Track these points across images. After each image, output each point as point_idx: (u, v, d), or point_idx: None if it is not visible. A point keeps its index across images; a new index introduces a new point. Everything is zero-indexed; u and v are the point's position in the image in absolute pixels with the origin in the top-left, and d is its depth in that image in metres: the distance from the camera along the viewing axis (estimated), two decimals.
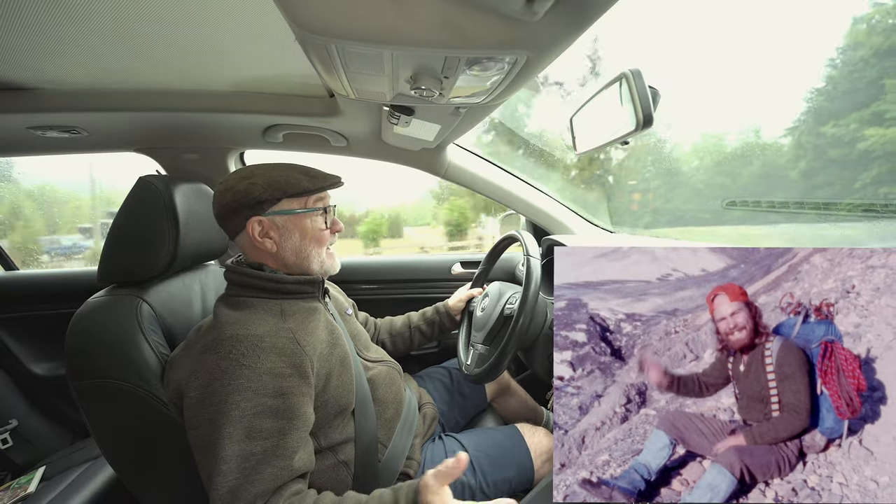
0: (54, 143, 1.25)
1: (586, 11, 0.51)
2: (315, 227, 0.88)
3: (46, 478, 1.26)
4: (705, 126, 3.48)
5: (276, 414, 0.70)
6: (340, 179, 0.93)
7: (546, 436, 1.09)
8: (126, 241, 0.87)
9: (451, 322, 1.31)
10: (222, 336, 0.73)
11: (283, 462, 0.69)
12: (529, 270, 0.98)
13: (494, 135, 2.26)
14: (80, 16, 0.74)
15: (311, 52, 0.63)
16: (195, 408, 0.70)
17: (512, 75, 0.69)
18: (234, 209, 0.83)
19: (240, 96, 1.11)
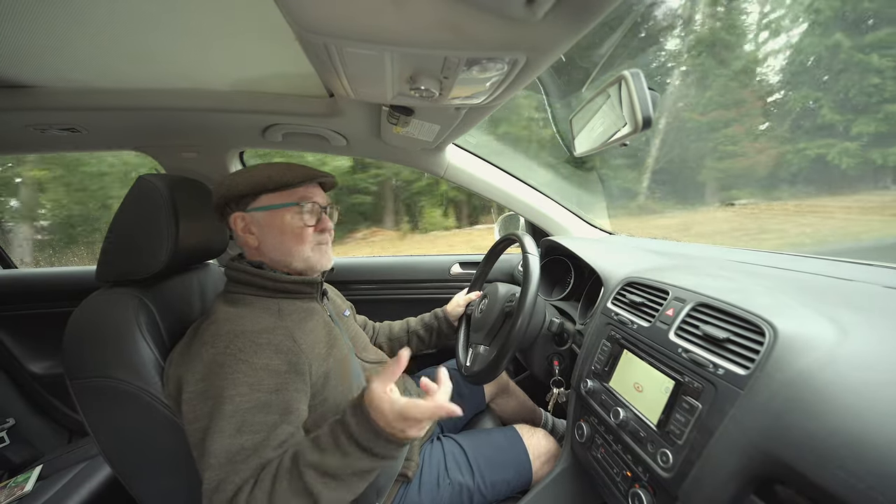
0: (54, 141, 1.25)
1: (586, 12, 0.51)
2: (293, 224, 0.86)
3: (43, 477, 1.25)
4: None
5: (269, 409, 0.71)
6: (327, 175, 0.91)
7: (545, 437, 1.09)
8: (125, 240, 0.87)
9: (450, 327, 1.30)
10: (220, 331, 0.74)
11: (269, 453, 0.69)
12: (528, 268, 0.98)
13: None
14: (80, 14, 0.74)
15: (311, 52, 0.64)
16: (192, 402, 0.71)
17: (511, 76, 0.69)
18: (221, 205, 0.87)
19: (239, 96, 1.10)
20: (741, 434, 0.54)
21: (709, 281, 0.78)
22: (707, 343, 0.66)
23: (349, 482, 0.66)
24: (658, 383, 0.70)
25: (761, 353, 0.57)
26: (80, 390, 0.78)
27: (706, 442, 0.58)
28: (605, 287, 1.02)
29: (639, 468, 0.72)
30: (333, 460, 0.65)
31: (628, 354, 0.81)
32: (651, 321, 0.79)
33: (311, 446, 0.67)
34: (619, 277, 0.99)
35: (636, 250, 1.25)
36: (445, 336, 1.31)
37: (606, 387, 0.84)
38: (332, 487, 0.65)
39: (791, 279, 0.79)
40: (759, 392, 0.54)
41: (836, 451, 0.43)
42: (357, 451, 0.64)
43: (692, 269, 0.90)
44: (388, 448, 0.65)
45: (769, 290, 0.70)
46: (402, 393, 1.04)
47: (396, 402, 0.64)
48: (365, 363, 1.00)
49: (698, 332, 0.68)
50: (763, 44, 4.73)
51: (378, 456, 0.65)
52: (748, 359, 0.58)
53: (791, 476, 0.47)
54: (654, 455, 0.66)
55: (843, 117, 3.77)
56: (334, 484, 0.65)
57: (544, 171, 1.85)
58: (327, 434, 0.68)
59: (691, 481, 0.58)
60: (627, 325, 0.84)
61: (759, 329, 0.60)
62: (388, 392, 0.66)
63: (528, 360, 1.20)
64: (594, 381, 0.87)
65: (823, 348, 0.53)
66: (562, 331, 1.12)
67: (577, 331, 1.12)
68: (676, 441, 0.63)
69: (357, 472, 0.65)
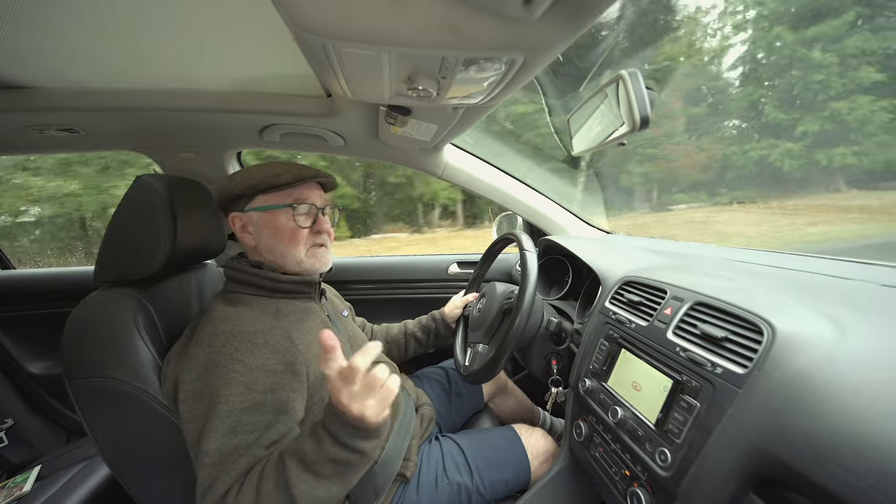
0: (52, 141, 1.25)
1: (583, 12, 0.51)
2: (287, 225, 0.86)
3: (42, 477, 1.25)
4: None
5: (264, 409, 0.71)
6: (322, 174, 0.90)
7: (543, 436, 1.09)
8: (123, 241, 0.87)
9: (447, 329, 1.30)
10: (217, 331, 0.74)
11: (261, 452, 0.69)
12: (526, 264, 0.98)
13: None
14: (78, 15, 0.74)
15: (309, 52, 0.64)
16: (188, 401, 0.71)
17: (509, 76, 0.69)
18: (221, 205, 0.89)
19: (237, 96, 1.10)
20: (740, 433, 0.54)
21: (707, 280, 0.78)
22: (705, 342, 0.66)
23: (327, 478, 0.64)
24: (656, 382, 0.70)
25: (760, 351, 0.57)
26: (79, 390, 0.78)
27: (705, 441, 0.58)
28: (603, 286, 1.02)
29: (637, 467, 0.72)
30: (308, 445, 0.64)
31: (626, 354, 0.81)
32: (649, 320, 0.79)
33: (295, 438, 0.69)
34: (617, 276, 0.99)
35: (634, 249, 1.25)
36: (443, 338, 1.31)
37: (604, 386, 0.84)
38: (311, 485, 0.63)
39: (789, 278, 0.79)
40: (757, 391, 0.54)
41: (835, 450, 0.43)
42: (327, 437, 0.63)
43: (690, 268, 0.90)
44: (348, 433, 0.63)
45: (767, 289, 0.70)
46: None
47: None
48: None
49: (696, 331, 0.68)
50: (698, 40, 4.48)
51: (343, 445, 0.63)
52: (746, 358, 0.58)
53: (790, 475, 0.47)
54: (653, 454, 0.66)
55: (789, 116, 3.61)
56: (313, 481, 0.64)
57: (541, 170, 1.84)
58: (310, 424, 0.69)
59: (690, 480, 0.59)
60: (625, 325, 0.84)
61: (757, 328, 0.60)
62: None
63: (526, 360, 1.20)
64: (592, 381, 0.87)
65: (822, 347, 0.53)
66: (560, 330, 1.12)
67: (575, 330, 1.12)
68: (675, 440, 0.63)
69: (331, 459, 0.63)
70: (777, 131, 3.70)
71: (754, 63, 4.02)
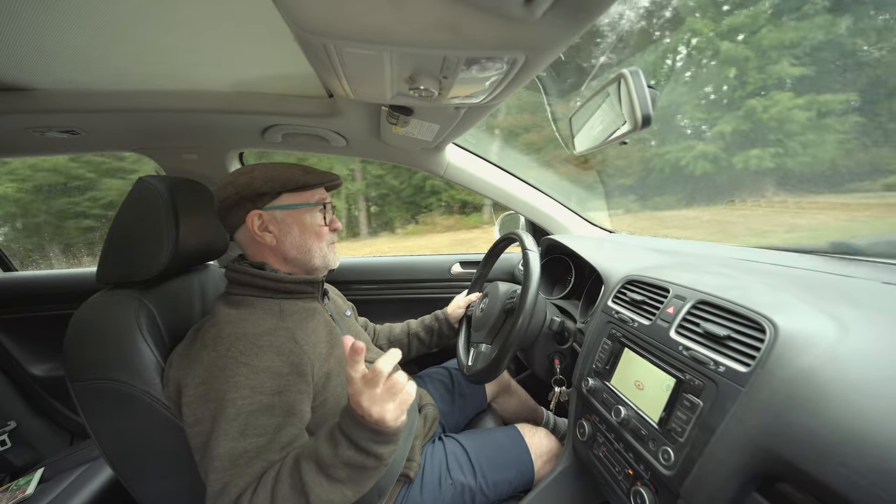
0: (53, 143, 1.25)
1: (585, 11, 0.51)
2: (314, 223, 0.89)
3: (45, 479, 1.25)
4: None
5: (272, 411, 0.71)
6: (339, 178, 0.94)
7: (546, 436, 1.09)
8: (125, 242, 0.87)
9: (450, 329, 1.30)
10: (221, 334, 0.74)
11: (273, 456, 0.69)
12: (529, 264, 0.97)
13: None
14: (79, 16, 0.74)
15: (310, 52, 0.64)
16: (193, 405, 0.71)
17: (511, 75, 0.69)
18: (235, 202, 0.84)
19: (239, 97, 1.10)
20: (743, 431, 0.54)
21: (709, 278, 0.78)
22: (708, 341, 0.66)
23: (342, 482, 0.65)
24: (659, 381, 0.70)
25: (762, 350, 0.57)
26: (82, 392, 0.78)
27: (708, 439, 0.58)
28: (605, 285, 1.02)
29: (640, 466, 0.72)
30: (324, 448, 0.65)
31: (629, 353, 0.81)
32: (652, 319, 0.79)
33: (310, 441, 0.68)
34: (619, 275, 0.99)
35: (636, 248, 1.25)
36: (446, 338, 1.31)
37: (608, 385, 0.84)
38: (326, 488, 0.64)
39: (791, 276, 0.79)
40: (760, 389, 0.54)
41: (838, 448, 0.43)
42: (344, 440, 0.65)
43: (692, 266, 0.90)
44: (366, 437, 0.64)
45: (770, 288, 0.70)
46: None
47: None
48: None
49: (699, 330, 0.68)
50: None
51: (360, 449, 0.64)
52: (749, 356, 0.58)
53: (793, 473, 0.47)
54: (656, 453, 0.66)
55: (709, 115, 3.32)
56: (328, 484, 0.65)
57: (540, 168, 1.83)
58: (326, 427, 0.69)
59: (693, 479, 0.58)
60: (628, 324, 0.84)
61: (759, 326, 0.60)
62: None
63: (529, 359, 1.20)
64: (595, 380, 0.87)
65: (824, 345, 0.53)
66: (563, 329, 1.12)
67: (577, 329, 1.12)
68: (678, 439, 0.63)
69: (347, 462, 0.64)
70: (697, 132, 3.44)
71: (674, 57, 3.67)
